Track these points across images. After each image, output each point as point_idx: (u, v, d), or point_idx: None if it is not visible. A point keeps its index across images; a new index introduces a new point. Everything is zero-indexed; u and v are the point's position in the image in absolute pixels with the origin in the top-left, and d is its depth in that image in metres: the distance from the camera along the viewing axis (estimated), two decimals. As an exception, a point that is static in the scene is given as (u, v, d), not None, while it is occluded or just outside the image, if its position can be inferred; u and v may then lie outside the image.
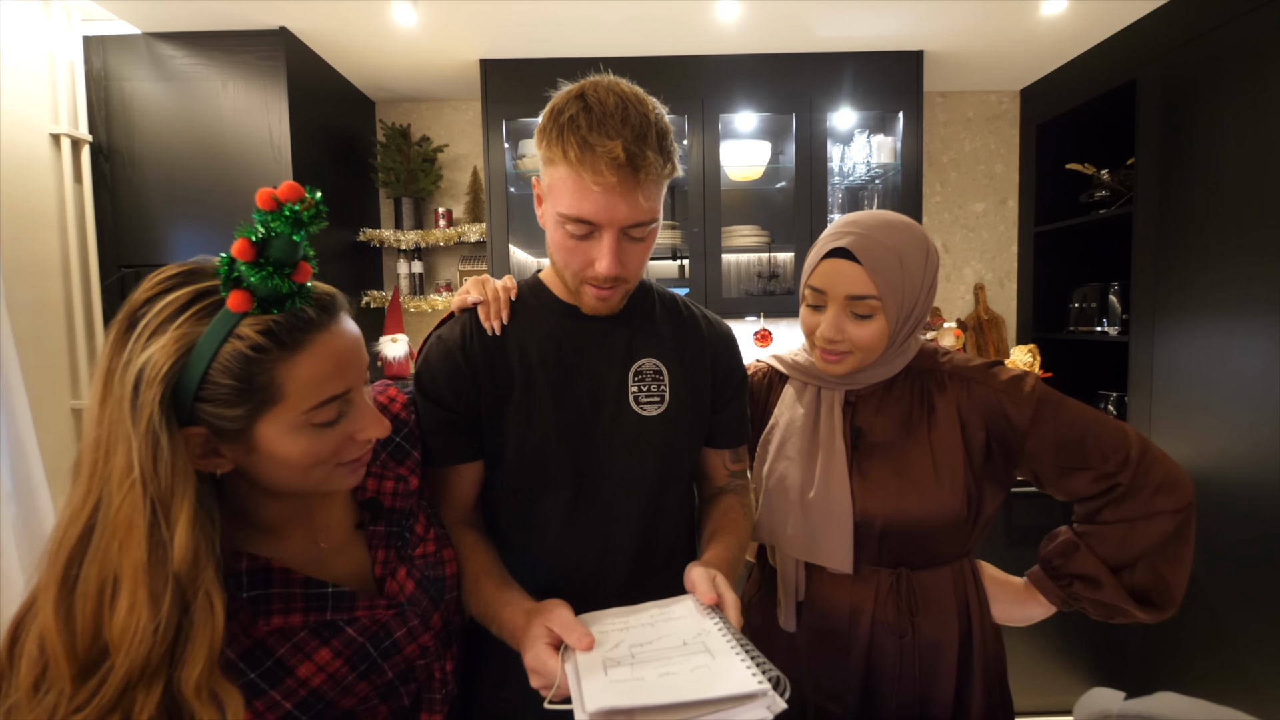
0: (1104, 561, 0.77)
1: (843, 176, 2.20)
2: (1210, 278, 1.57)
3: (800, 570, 0.84)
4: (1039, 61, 2.13)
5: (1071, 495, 0.81)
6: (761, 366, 0.96)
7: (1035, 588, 0.83)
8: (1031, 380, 0.80)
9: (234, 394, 0.49)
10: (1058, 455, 0.78)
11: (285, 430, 0.52)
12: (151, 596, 0.46)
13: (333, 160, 2.07)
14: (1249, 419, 1.47)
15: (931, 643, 0.80)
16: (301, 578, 0.58)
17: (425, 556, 0.67)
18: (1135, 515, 0.76)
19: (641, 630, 0.61)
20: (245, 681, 0.53)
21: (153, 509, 0.47)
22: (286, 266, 0.50)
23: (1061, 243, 2.24)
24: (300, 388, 0.51)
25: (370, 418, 0.58)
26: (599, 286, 0.71)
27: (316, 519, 0.63)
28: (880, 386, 0.84)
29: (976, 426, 0.80)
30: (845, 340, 0.78)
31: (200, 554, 0.47)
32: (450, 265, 2.42)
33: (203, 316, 0.49)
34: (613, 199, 0.64)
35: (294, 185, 0.49)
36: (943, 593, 0.81)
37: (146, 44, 1.79)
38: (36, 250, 1.66)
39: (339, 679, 0.58)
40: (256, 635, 0.55)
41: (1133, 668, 1.81)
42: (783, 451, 0.85)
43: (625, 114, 0.64)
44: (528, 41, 1.92)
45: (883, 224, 0.78)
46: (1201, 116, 1.59)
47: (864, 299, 0.76)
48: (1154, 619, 0.77)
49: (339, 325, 0.55)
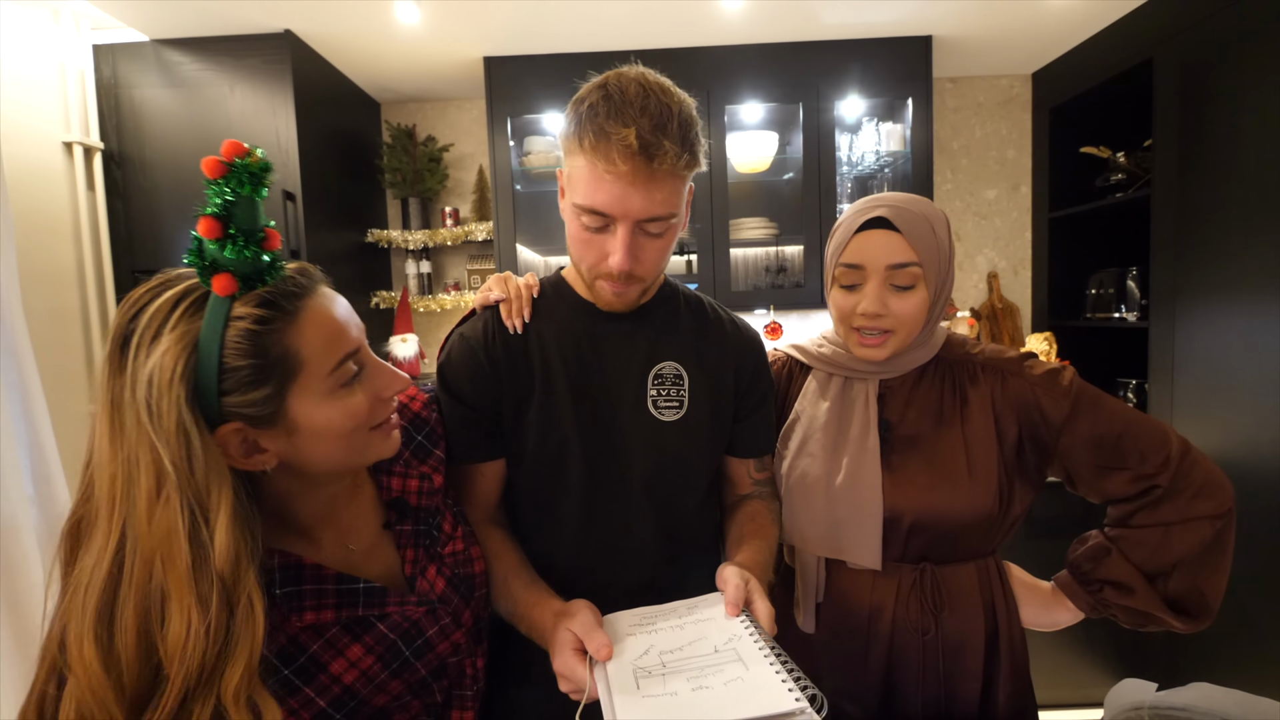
0: (1137, 567, 0.74)
1: (851, 166, 2.18)
2: (1232, 260, 1.53)
3: (821, 569, 0.82)
4: (1050, 44, 2.08)
5: (1106, 496, 0.77)
6: (780, 356, 0.93)
7: (1063, 593, 0.81)
8: (1069, 374, 0.77)
9: (255, 372, 0.49)
10: (1093, 454, 0.75)
11: (317, 399, 0.52)
12: (200, 600, 0.45)
13: (339, 162, 2.08)
14: (1274, 405, 1.44)
15: (955, 641, 0.78)
16: (333, 574, 0.58)
17: (454, 555, 0.67)
18: (1172, 520, 0.73)
19: (671, 634, 0.59)
20: (280, 678, 0.53)
21: (191, 513, 0.46)
22: (255, 233, 0.49)
23: (1076, 228, 2.20)
24: (315, 351, 0.51)
25: (388, 373, 0.58)
26: (613, 282, 0.69)
27: (345, 520, 0.62)
28: (910, 378, 0.82)
29: (1009, 420, 0.77)
30: (889, 315, 0.75)
31: (241, 555, 0.47)
32: (458, 264, 2.42)
33: (194, 312, 0.48)
34: (626, 190, 0.62)
35: (235, 142, 0.48)
36: (967, 589, 0.78)
37: (155, 51, 1.81)
38: (52, 258, 1.68)
39: (371, 676, 0.58)
40: (290, 631, 0.55)
41: (1158, 659, 1.78)
42: (805, 448, 0.82)
43: (645, 103, 0.62)
44: (531, 38, 1.91)
45: (907, 197, 0.77)
46: (1220, 95, 1.55)
47: (906, 267, 0.74)
48: (1189, 629, 0.73)
49: (326, 291, 0.55)
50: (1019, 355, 0.80)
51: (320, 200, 1.93)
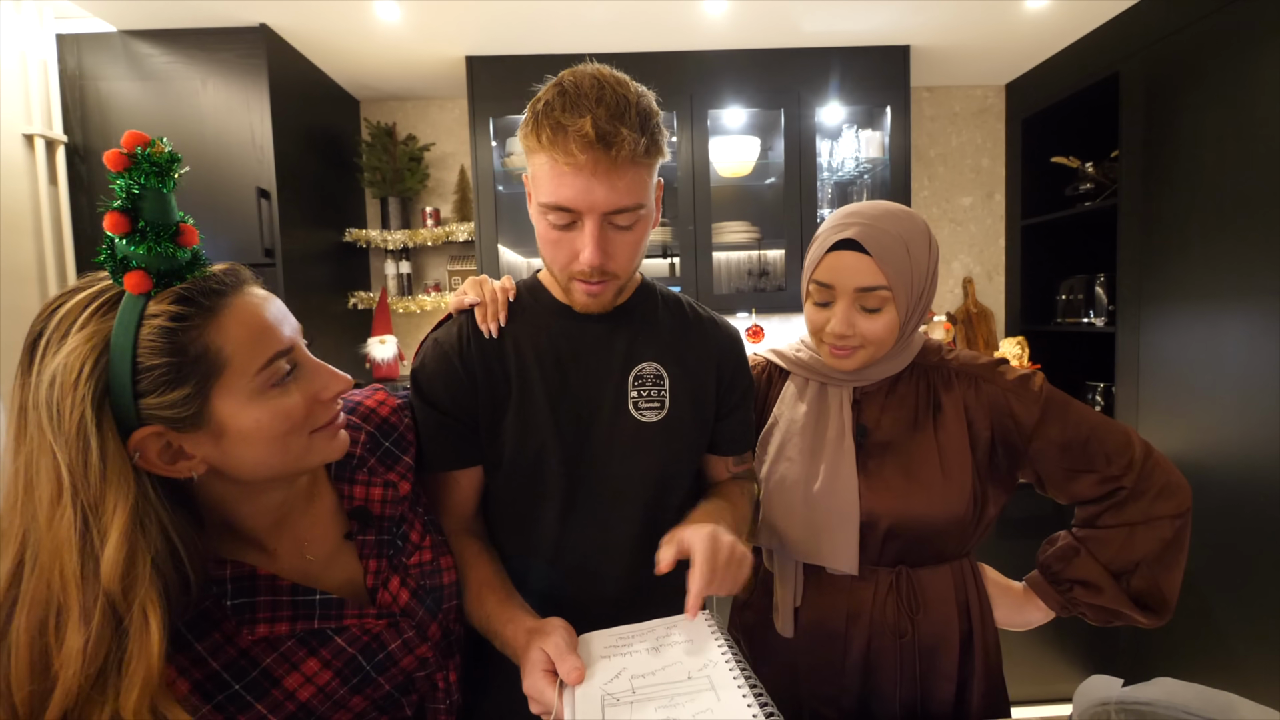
0: (1105, 567, 0.77)
1: (832, 172, 2.21)
2: (1194, 268, 1.59)
3: (799, 574, 0.82)
4: (1023, 56, 2.14)
5: (1074, 498, 0.80)
6: (759, 361, 0.94)
7: (1034, 593, 0.82)
8: (1039, 380, 0.79)
9: (172, 371, 0.46)
10: (1063, 457, 0.77)
11: (244, 400, 0.49)
12: (83, 612, 0.43)
13: (317, 160, 2.04)
14: (1234, 407, 1.50)
15: (931, 643, 0.79)
16: (289, 584, 0.56)
17: (421, 565, 0.65)
18: (1136, 520, 0.75)
19: (644, 658, 0.58)
20: (230, 694, 0.51)
21: (83, 519, 0.43)
22: (166, 228, 0.47)
23: (1048, 235, 2.26)
24: (240, 349, 0.49)
25: (327, 373, 0.55)
26: (587, 281, 0.68)
27: (301, 530, 0.60)
28: (885, 384, 0.83)
29: (982, 425, 0.78)
30: (856, 335, 0.76)
31: (135, 567, 0.44)
32: (439, 265, 2.39)
33: (107, 311, 0.46)
34: (589, 182, 0.61)
35: (136, 132, 0.46)
36: (943, 591, 0.80)
37: (122, 42, 1.75)
38: (11, 255, 1.61)
39: (329, 692, 0.56)
40: (241, 645, 0.53)
41: (1124, 654, 1.84)
42: (784, 453, 0.83)
43: (600, 94, 0.62)
44: (514, 38, 1.90)
45: (885, 213, 0.76)
46: (1183, 109, 1.61)
47: (874, 290, 0.74)
48: (1152, 624, 0.76)
49: (254, 289, 0.53)
50: (991, 361, 0.82)
51: (296, 198, 1.89)
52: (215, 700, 0.51)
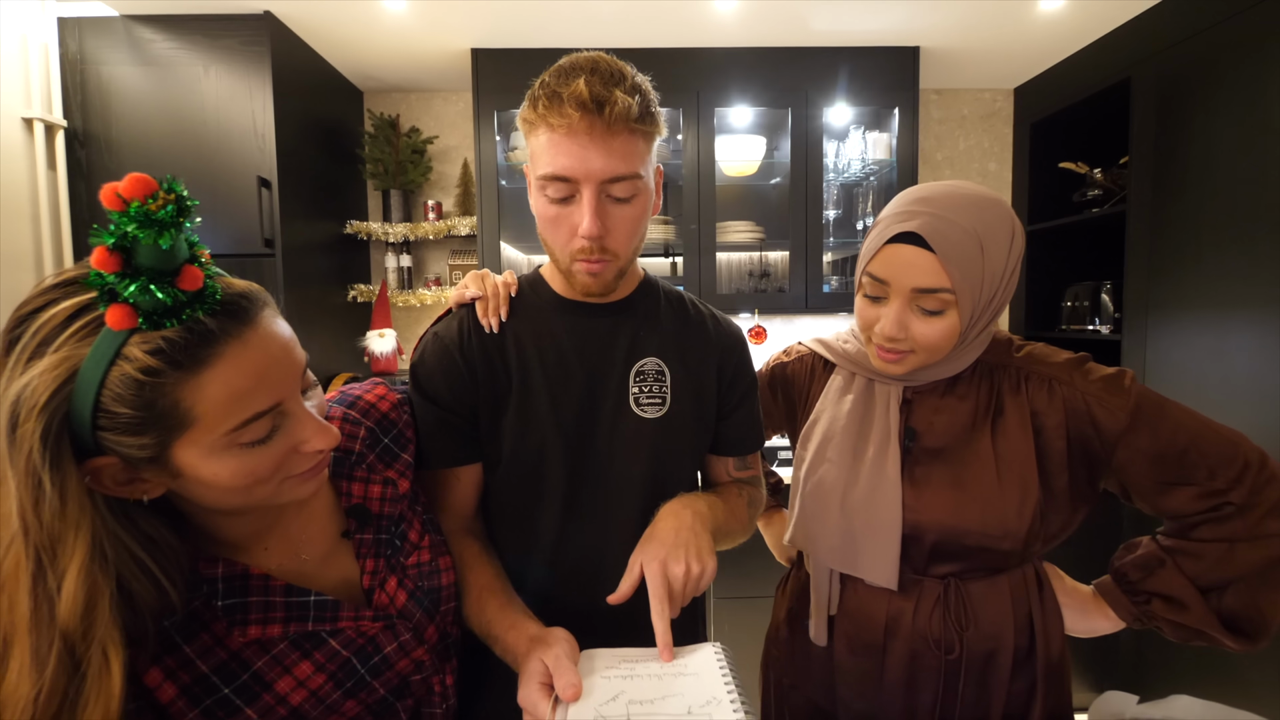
0: (1192, 581, 0.68)
1: (838, 173, 2.19)
2: (1203, 276, 1.57)
3: (835, 581, 0.76)
4: (1033, 59, 2.13)
5: (1169, 513, 0.70)
6: (804, 351, 0.87)
7: (1104, 600, 0.74)
8: (1129, 380, 0.69)
9: (134, 422, 0.43)
10: (1155, 469, 0.67)
11: (206, 453, 0.45)
12: (35, 658, 0.40)
13: (319, 150, 2.02)
14: (1243, 417, 1.48)
15: (982, 659, 0.71)
16: (282, 585, 0.54)
17: (419, 566, 0.63)
18: (1239, 536, 0.66)
19: (646, 683, 0.56)
20: (219, 698, 0.49)
21: (37, 558, 0.41)
22: (163, 275, 0.41)
23: (1054, 241, 2.25)
24: (214, 408, 0.44)
25: (313, 427, 0.50)
26: (587, 259, 0.67)
27: (295, 529, 0.58)
28: (942, 382, 0.74)
29: (1055, 434, 0.69)
30: (908, 339, 0.68)
31: (95, 607, 0.41)
32: (440, 259, 2.37)
33: (85, 336, 0.42)
34: (584, 149, 0.61)
35: (139, 177, 0.41)
36: (997, 605, 0.71)
37: (124, 26, 1.73)
38: (9, 240, 1.59)
39: (322, 696, 0.54)
40: (232, 647, 0.51)
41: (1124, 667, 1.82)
42: (824, 453, 0.76)
43: (594, 65, 0.63)
44: (520, 31, 1.88)
45: (961, 201, 0.65)
46: (1195, 116, 1.59)
47: (935, 292, 0.65)
48: (1242, 649, 0.67)
49: (257, 331, 0.47)
50: (1069, 360, 0.72)
51: (297, 189, 1.87)
52: (204, 705, 0.49)
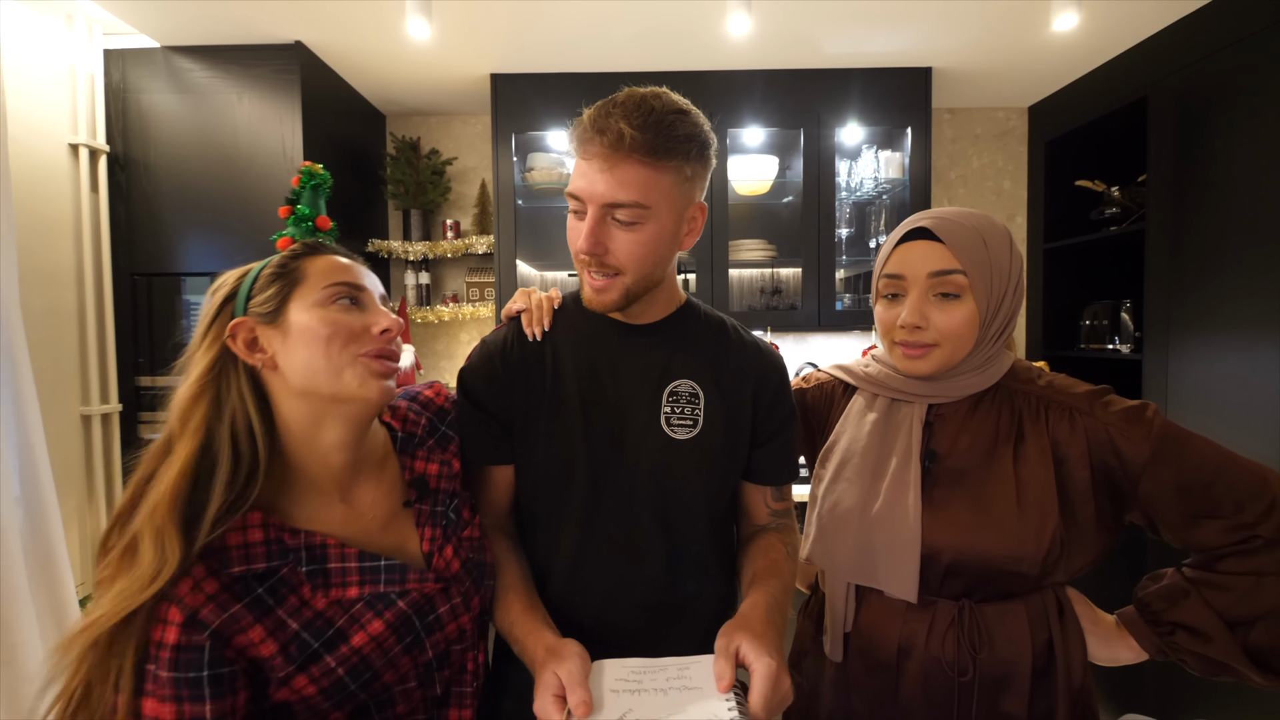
0: (1219, 614, 0.67)
1: (850, 192, 2.20)
2: (1226, 294, 1.54)
3: (850, 598, 0.76)
4: (1047, 78, 2.13)
5: (1195, 546, 0.69)
6: (824, 377, 0.89)
7: (1128, 630, 0.74)
8: (1152, 412, 0.69)
9: (270, 280, 0.63)
10: (1181, 501, 0.67)
11: (308, 306, 0.63)
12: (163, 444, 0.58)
13: (343, 172, 2.09)
14: (1269, 439, 1.44)
15: (997, 684, 0.70)
16: (355, 552, 0.63)
17: (471, 540, 0.71)
18: (1267, 570, 0.65)
19: (653, 699, 0.58)
20: (309, 652, 0.57)
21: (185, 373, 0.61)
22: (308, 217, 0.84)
23: (1071, 260, 2.22)
24: (317, 273, 0.64)
25: (381, 313, 0.66)
26: (589, 274, 0.71)
27: (366, 496, 0.67)
28: (964, 405, 0.75)
29: (1078, 464, 0.69)
30: (930, 328, 0.71)
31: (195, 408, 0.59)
32: (457, 277, 2.43)
33: None
34: (595, 175, 0.66)
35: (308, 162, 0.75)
36: (1014, 628, 0.71)
37: (165, 57, 1.83)
38: (51, 257, 1.68)
39: (387, 649, 0.61)
40: (317, 607, 0.59)
41: (1148, 694, 1.76)
42: (842, 472, 0.77)
43: (641, 103, 0.66)
44: (539, 57, 1.94)
45: (960, 211, 0.73)
46: (1214, 134, 1.58)
47: (948, 274, 0.69)
48: (1270, 686, 0.66)
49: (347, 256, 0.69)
50: (1090, 391, 0.73)
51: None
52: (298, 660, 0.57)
